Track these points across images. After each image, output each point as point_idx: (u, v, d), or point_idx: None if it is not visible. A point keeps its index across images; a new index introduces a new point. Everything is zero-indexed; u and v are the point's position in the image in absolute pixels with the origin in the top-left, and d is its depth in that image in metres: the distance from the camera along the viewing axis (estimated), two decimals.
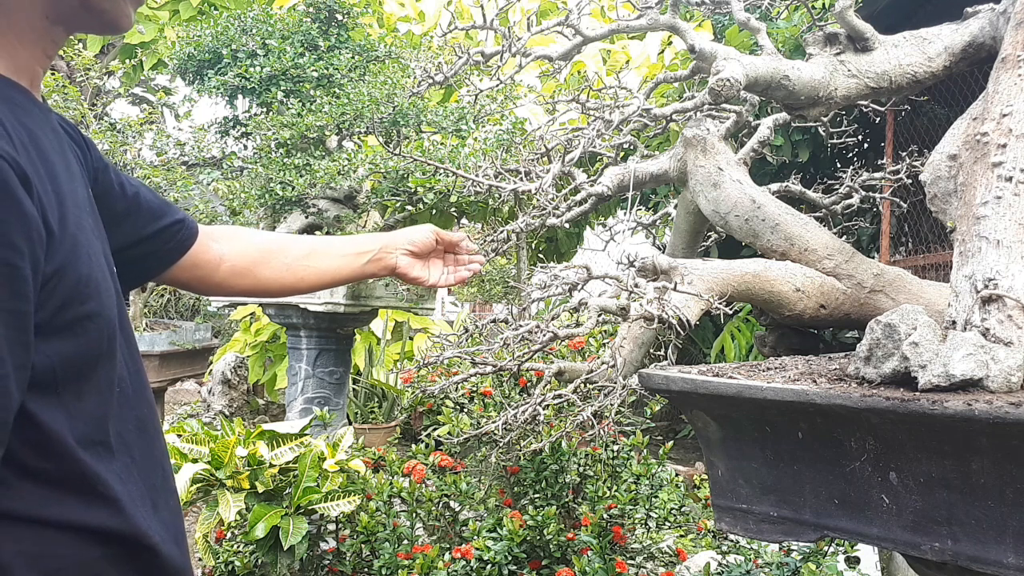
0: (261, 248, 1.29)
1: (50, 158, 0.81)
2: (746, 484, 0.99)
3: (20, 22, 0.82)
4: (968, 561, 0.79)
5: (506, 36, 1.54)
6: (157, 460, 0.93)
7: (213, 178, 4.62)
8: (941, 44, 1.21)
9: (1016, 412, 0.70)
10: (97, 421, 0.82)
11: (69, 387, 0.79)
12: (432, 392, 2.33)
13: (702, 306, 1.16)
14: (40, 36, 0.85)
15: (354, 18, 4.52)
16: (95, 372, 0.82)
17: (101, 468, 0.81)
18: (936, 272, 3.94)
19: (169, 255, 1.15)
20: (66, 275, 0.76)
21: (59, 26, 0.86)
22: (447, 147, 3.79)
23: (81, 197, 0.87)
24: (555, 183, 1.59)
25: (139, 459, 0.88)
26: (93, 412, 0.82)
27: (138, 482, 0.87)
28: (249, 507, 2.48)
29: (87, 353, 0.80)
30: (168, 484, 0.95)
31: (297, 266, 1.29)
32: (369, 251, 1.32)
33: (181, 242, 1.15)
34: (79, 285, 0.78)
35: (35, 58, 0.86)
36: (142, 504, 0.86)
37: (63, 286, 0.75)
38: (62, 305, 0.76)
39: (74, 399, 0.79)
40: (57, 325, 0.76)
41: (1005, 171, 0.95)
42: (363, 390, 6.15)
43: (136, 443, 0.89)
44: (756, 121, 1.67)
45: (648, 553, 2.76)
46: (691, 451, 5.80)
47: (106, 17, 0.88)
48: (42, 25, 0.84)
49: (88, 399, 0.81)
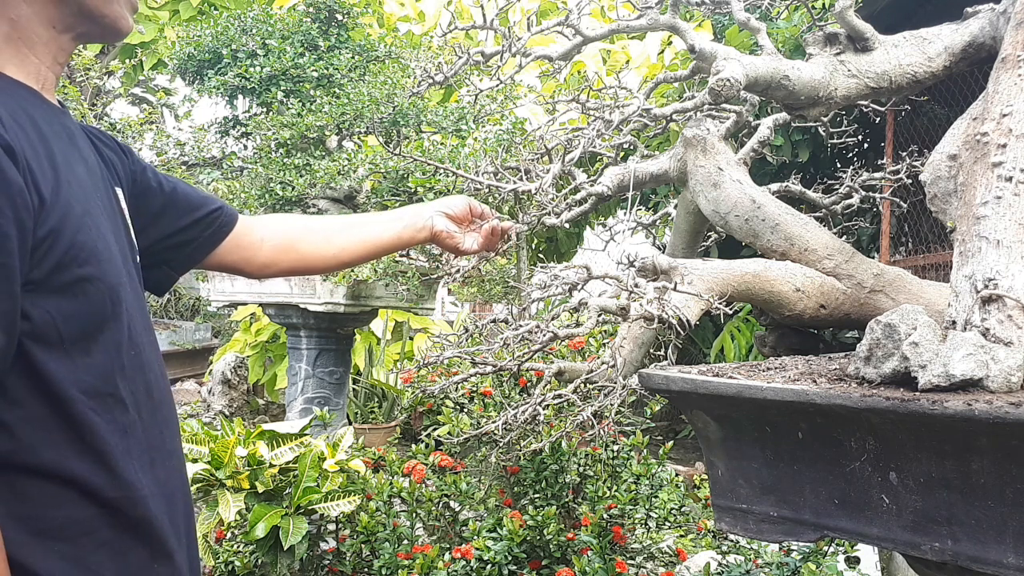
0: (300, 226, 1.37)
1: (50, 141, 0.90)
2: (746, 484, 0.99)
3: (29, 32, 0.92)
4: (968, 561, 0.79)
5: (506, 36, 1.54)
6: (161, 422, 1.02)
7: (213, 178, 4.61)
8: (941, 44, 1.21)
9: (1016, 412, 0.70)
10: (106, 376, 0.92)
11: (77, 344, 0.88)
12: (432, 392, 2.33)
13: (702, 306, 1.16)
14: (48, 44, 0.94)
15: (354, 18, 4.52)
16: (102, 332, 0.91)
17: (101, 419, 0.90)
18: (936, 272, 3.94)
19: (211, 239, 1.25)
20: (60, 239, 0.85)
21: (66, 34, 0.95)
22: (447, 147, 3.79)
23: (89, 183, 0.97)
24: (555, 183, 1.59)
25: (145, 418, 0.97)
26: (102, 368, 0.91)
27: (140, 438, 0.96)
28: (249, 507, 2.48)
29: (90, 313, 0.89)
30: (167, 446, 1.03)
31: (338, 238, 1.35)
32: (405, 217, 1.37)
33: (221, 227, 1.25)
34: (73, 249, 0.87)
35: (45, 64, 0.95)
36: (138, 458, 0.95)
37: (57, 249, 0.85)
38: (57, 266, 0.85)
39: (82, 354, 0.89)
40: (54, 285, 0.85)
41: (1005, 171, 0.95)
42: (363, 390, 6.15)
43: (144, 404, 0.98)
44: (756, 121, 1.67)
45: (648, 553, 2.76)
46: (691, 451, 5.80)
47: (105, 22, 0.97)
48: (48, 34, 0.93)
49: (96, 355, 0.90)
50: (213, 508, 2.48)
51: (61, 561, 0.87)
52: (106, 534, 0.91)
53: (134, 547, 0.94)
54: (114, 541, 0.92)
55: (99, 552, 0.90)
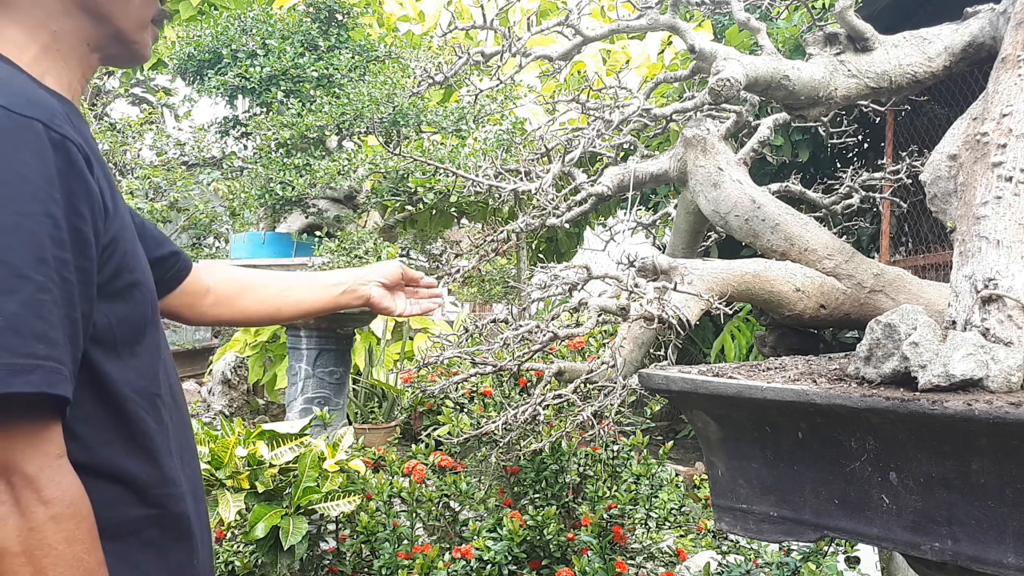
0: (243, 282, 1.42)
1: (99, 153, 0.96)
2: (746, 484, 0.99)
3: (66, 45, 0.98)
4: (968, 561, 0.79)
5: (506, 36, 1.54)
6: (183, 422, 1.08)
7: (213, 178, 4.62)
8: (941, 44, 1.21)
9: (1016, 412, 0.70)
10: (151, 376, 0.98)
11: (126, 346, 0.94)
12: (432, 392, 2.33)
13: (702, 306, 1.16)
14: (81, 60, 1.01)
15: (354, 18, 4.52)
16: (145, 335, 0.98)
17: (150, 418, 0.95)
18: (936, 272, 3.94)
19: (167, 284, 1.27)
20: (118, 246, 0.91)
21: (95, 54, 1.02)
22: (447, 147, 3.79)
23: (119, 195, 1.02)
24: (555, 183, 1.59)
25: (174, 418, 1.03)
26: (148, 369, 0.97)
27: (173, 437, 1.01)
28: (249, 507, 2.48)
29: (137, 317, 0.96)
30: (191, 446, 1.10)
31: (277, 299, 1.42)
32: (344, 283, 1.44)
33: (178, 271, 1.29)
34: (127, 257, 0.93)
35: (76, 78, 1.02)
36: (176, 457, 1.00)
37: (116, 255, 0.91)
38: (115, 272, 0.91)
39: (130, 356, 0.95)
40: (112, 290, 0.91)
41: (1005, 171, 0.95)
42: (363, 390, 6.15)
43: (171, 404, 1.03)
44: (756, 121, 1.67)
45: (648, 553, 2.76)
46: (691, 451, 5.80)
47: (133, 47, 1.05)
48: (82, 51, 1.00)
49: (142, 358, 0.97)
50: (213, 508, 2.47)
51: (114, 560, 0.89)
52: (152, 533, 0.95)
53: (175, 546, 0.99)
54: (157, 539, 0.96)
55: (146, 551, 0.94)
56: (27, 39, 0.95)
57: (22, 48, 0.94)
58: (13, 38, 0.94)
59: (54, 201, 0.81)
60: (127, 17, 1.01)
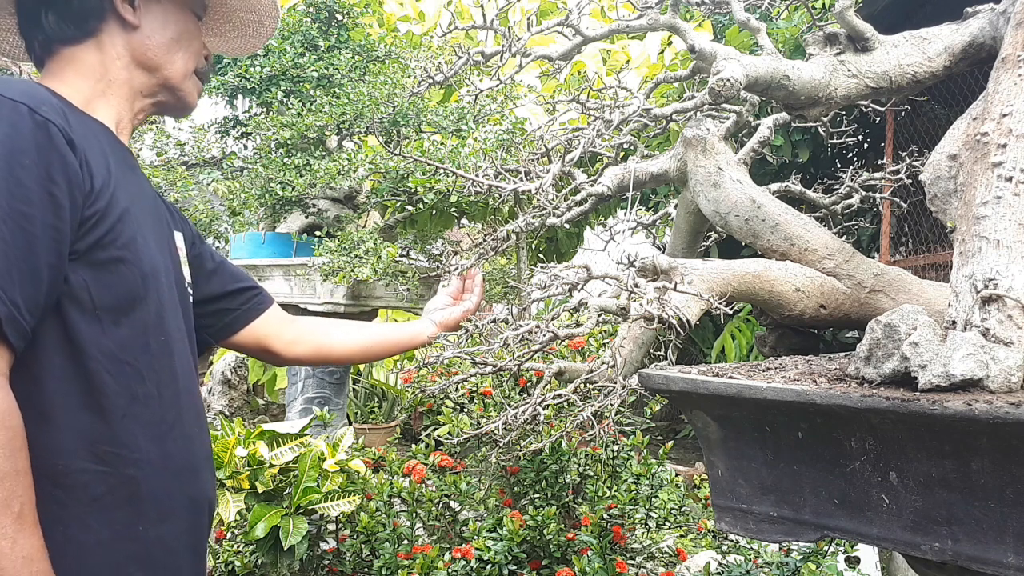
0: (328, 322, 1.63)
1: (109, 156, 1.10)
2: (746, 484, 0.99)
3: (118, 90, 1.18)
4: (968, 561, 0.79)
5: (506, 36, 1.54)
6: (184, 406, 1.17)
7: (213, 178, 4.61)
8: (941, 44, 1.21)
9: (1016, 412, 0.70)
10: (126, 347, 1.07)
11: (108, 313, 1.04)
12: (432, 392, 2.33)
13: (702, 306, 1.16)
14: (130, 103, 1.20)
15: (354, 18, 4.52)
16: (133, 311, 1.08)
17: (113, 380, 1.04)
18: (936, 272, 3.94)
19: (246, 315, 1.45)
20: (102, 222, 1.03)
21: (148, 99, 1.23)
22: (447, 147, 3.79)
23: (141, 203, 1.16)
24: (555, 183, 1.59)
25: (165, 396, 1.13)
26: (126, 340, 1.07)
27: (155, 411, 1.10)
28: (249, 507, 2.48)
29: (121, 290, 1.06)
30: (186, 429, 1.17)
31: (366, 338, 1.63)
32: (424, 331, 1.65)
33: (257, 304, 1.47)
34: (112, 233, 1.04)
35: (125, 116, 1.20)
36: (146, 427, 1.09)
37: (99, 230, 1.02)
38: (96, 243, 1.02)
39: (112, 324, 1.05)
40: (93, 259, 1.02)
41: (1005, 171, 0.95)
42: (363, 390, 6.15)
43: (167, 384, 1.13)
44: (756, 121, 1.67)
45: (648, 553, 2.76)
46: (691, 451, 5.80)
47: (180, 94, 1.25)
48: (132, 95, 1.20)
49: (124, 328, 1.06)
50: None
51: (56, 507, 0.99)
52: (98, 490, 1.03)
53: (121, 506, 1.06)
54: (104, 497, 1.03)
55: (91, 506, 1.02)
56: (86, 86, 1.14)
57: (79, 91, 1.13)
58: (75, 84, 1.14)
59: (22, 166, 0.93)
60: (173, 69, 1.21)
